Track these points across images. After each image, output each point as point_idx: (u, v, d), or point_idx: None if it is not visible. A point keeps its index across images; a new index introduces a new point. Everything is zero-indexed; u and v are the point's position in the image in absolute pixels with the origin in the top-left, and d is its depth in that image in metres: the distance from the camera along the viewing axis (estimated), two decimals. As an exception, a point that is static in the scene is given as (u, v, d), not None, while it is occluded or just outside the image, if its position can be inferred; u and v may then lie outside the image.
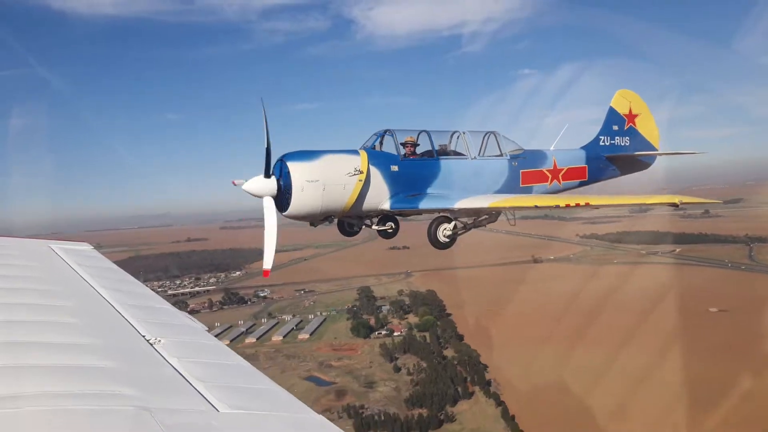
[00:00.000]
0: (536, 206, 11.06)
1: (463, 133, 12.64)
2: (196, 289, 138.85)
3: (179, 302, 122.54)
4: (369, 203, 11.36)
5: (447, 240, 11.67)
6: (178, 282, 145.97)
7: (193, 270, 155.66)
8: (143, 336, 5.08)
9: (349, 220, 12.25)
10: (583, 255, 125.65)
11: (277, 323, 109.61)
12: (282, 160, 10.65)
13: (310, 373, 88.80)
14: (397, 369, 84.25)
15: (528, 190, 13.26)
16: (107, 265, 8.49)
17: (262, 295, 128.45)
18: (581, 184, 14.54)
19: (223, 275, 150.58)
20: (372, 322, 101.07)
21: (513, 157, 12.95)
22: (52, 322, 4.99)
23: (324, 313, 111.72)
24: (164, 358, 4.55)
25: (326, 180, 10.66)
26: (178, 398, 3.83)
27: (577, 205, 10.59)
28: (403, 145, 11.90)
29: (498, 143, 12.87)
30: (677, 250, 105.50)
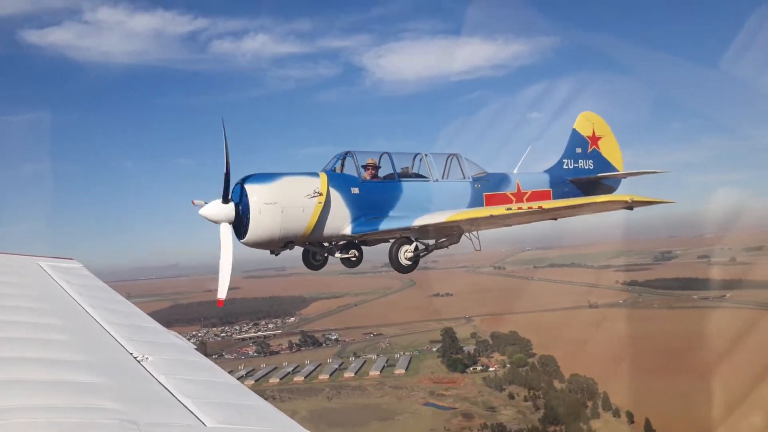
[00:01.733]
0: (491, 216, 11.03)
1: (426, 155, 12.67)
2: (260, 333, 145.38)
3: (260, 344, 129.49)
4: (330, 227, 11.25)
5: (409, 263, 11.60)
6: (236, 328, 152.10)
7: (244, 316, 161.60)
8: (131, 353, 5.13)
9: (311, 247, 12.08)
10: (634, 301, 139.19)
11: (365, 362, 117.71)
12: (240, 184, 10.74)
13: (426, 400, 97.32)
14: (511, 396, 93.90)
15: None
16: (96, 283, 8.49)
17: (333, 338, 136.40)
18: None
19: (279, 320, 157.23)
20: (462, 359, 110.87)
21: (476, 180, 12.89)
22: (40, 338, 5.06)
23: (407, 353, 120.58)
24: (152, 375, 4.61)
25: (285, 202, 10.60)
26: (166, 413, 3.89)
27: (530, 209, 10.78)
28: (365, 167, 11.98)
29: (461, 166, 12.91)
30: (728, 295, 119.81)
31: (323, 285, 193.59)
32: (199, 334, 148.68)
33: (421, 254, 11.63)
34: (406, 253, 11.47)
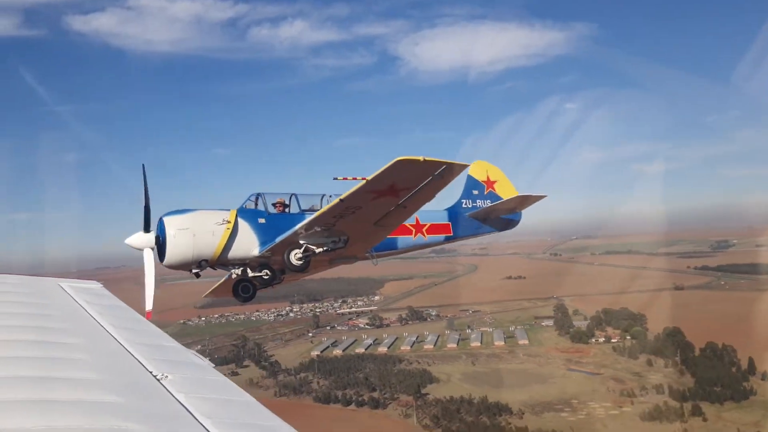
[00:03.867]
0: (341, 200, 12.53)
1: (330, 196, 14.29)
2: (360, 309, 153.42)
3: (373, 318, 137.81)
4: (239, 250, 13.29)
5: (300, 262, 13.39)
6: (326, 304, 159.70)
7: (328, 294, 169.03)
8: (150, 372, 5.26)
9: (230, 266, 13.89)
10: (716, 284, 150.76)
11: (482, 334, 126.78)
12: (160, 218, 13.17)
13: (566, 366, 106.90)
14: (650, 363, 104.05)
15: (394, 241, 15.42)
16: (115, 303, 8.90)
17: (433, 313, 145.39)
18: (447, 239, 16.77)
19: (365, 298, 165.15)
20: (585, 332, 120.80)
21: None
22: (62, 358, 5.20)
23: (518, 327, 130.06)
24: (171, 394, 4.71)
25: (196, 228, 12.88)
26: None
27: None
28: (274, 204, 14.19)
29: None
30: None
31: (376, 268, 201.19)
32: (293, 309, 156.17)
33: (312, 255, 13.66)
34: (296, 255, 13.50)
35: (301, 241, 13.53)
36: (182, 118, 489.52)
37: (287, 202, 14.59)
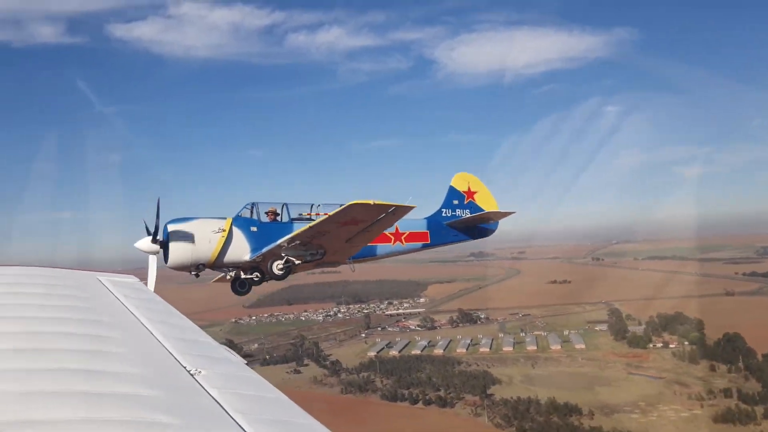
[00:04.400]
0: (310, 227, 14.39)
1: (319, 205, 16.00)
2: (408, 311, 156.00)
3: (425, 319, 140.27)
4: (233, 255, 14.74)
5: (281, 272, 15.18)
6: (372, 306, 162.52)
7: (373, 296, 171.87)
8: (184, 367, 5.34)
9: (226, 270, 15.27)
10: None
11: (536, 337, 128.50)
12: (166, 224, 14.58)
13: (626, 370, 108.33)
14: (713, 368, 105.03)
15: (373, 248, 16.75)
16: (152, 298, 9.14)
17: (482, 316, 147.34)
18: (424, 246, 17.75)
19: (411, 300, 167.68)
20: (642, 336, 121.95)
21: None
22: (100, 351, 5.33)
23: (573, 331, 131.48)
24: (205, 389, 4.76)
25: (194, 237, 14.36)
26: (218, 429, 4.03)
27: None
28: (267, 213, 15.64)
29: None
30: None
31: (418, 271, 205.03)
32: (340, 310, 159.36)
33: (292, 266, 15.19)
34: (277, 265, 15.21)
35: (283, 254, 15.22)
36: (218, 121, 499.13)
37: (278, 211, 16.14)
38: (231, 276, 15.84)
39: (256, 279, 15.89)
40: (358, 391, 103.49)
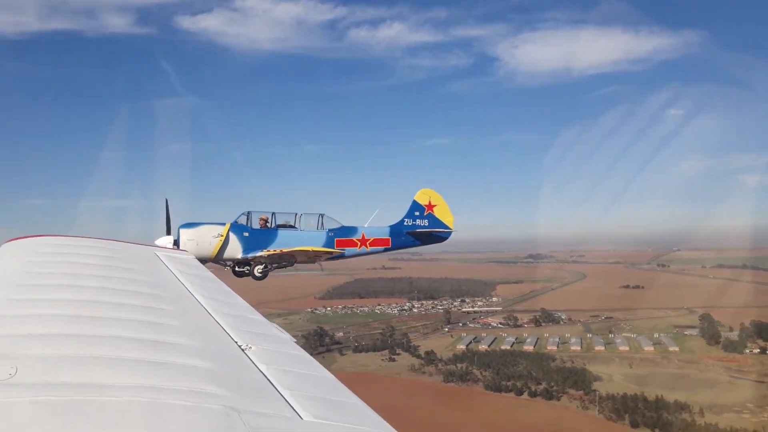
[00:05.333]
0: (274, 252, 18.25)
1: (301, 215, 19.30)
2: (485, 309, 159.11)
3: (508, 317, 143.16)
4: (228, 253, 18.34)
5: (260, 275, 18.77)
6: (444, 302, 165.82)
7: (443, 293, 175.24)
8: (235, 342, 5.60)
9: (224, 263, 18.48)
10: None
11: (625, 339, 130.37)
12: (179, 228, 17.89)
13: (723, 375, 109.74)
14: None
15: (341, 252, 19.53)
16: (205, 274, 9.50)
17: (563, 317, 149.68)
18: (386, 249, 20.57)
19: (483, 299, 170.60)
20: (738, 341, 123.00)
21: (330, 230, 19.28)
22: (155, 322, 5.64)
23: (663, 334, 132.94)
24: (254, 364, 4.98)
25: (198, 239, 17.81)
26: (265, 403, 4.18)
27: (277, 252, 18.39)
28: (259, 220, 18.98)
29: (322, 221, 19.36)
30: None
31: (477, 270, 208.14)
32: (414, 305, 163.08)
33: (270, 270, 18.76)
34: (258, 269, 18.76)
35: (263, 261, 18.87)
36: (277, 114, 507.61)
37: (268, 219, 19.25)
38: (229, 266, 19.22)
39: (246, 272, 19.25)
40: (460, 381, 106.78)
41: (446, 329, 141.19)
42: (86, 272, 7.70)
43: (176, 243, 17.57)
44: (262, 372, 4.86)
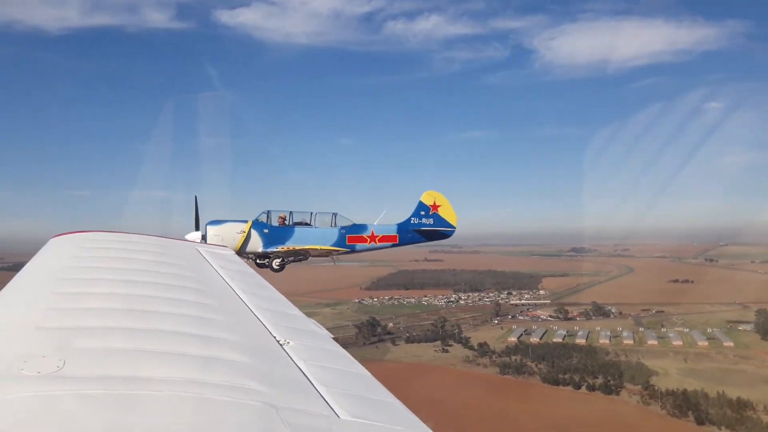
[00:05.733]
0: (290, 249, 19.81)
1: (315, 214, 20.75)
2: (534, 302, 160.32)
3: (560, 310, 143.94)
4: (250, 247, 19.88)
5: (278, 268, 20.06)
6: (491, 295, 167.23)
7: (487, 286, 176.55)
8: (274, 337, 5.75)
9: (247, 256, 19.75)
10: None
11: (678, 333, 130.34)
12: (206, 225, 19.32)
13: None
14: None
15: (353, 246, 20.86)
16: (245, 269, 9.76)
17: (613, 311, 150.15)
18: (393, 245, 21.86)
19: (530, 291, 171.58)
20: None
21: (342, 228, 20.66)
22: (199, 316, 5.82)
23: (716, 329, 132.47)
24: (292, 360, 5.10)
25: (223, 234, 19.27)
26: (303, 399, 4.27)
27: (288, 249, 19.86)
28: (278, 219, 20.54)
29: (334, 219, 20.76)
30: None
31: (529, 264, 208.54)
32: (460, 297, 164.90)
33: (286, 263, 20.24)
34: (276, 262, 20.12)
35: (281, 256, 20.38)
36: (313, 108, 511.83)
37: (286, 217, 20.76)
38: (251, 258, 20.66)
39: (266, 264, 20.79)
40: (516, 373, 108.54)
41: (496, 321, 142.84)
42: (131, 267, 7.96)
43: (204, 238, 19.09)
44: (299, 368, 4.98)
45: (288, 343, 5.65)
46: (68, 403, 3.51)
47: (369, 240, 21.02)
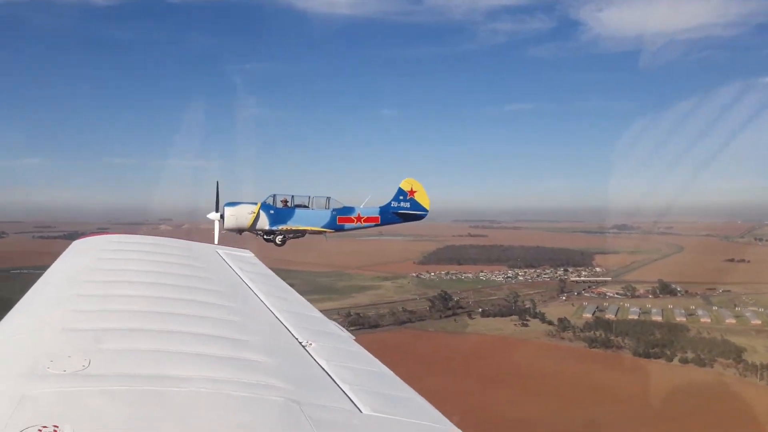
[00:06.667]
0: (293, 229, 23.30)
1: (312, 198, 23.98)
2: (595, 279, 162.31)
3: (627, 288, 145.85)
4: (259, 225, 23.07)
5: (280, 243, 23.39)
6: (548, 271, 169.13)
7: (543, 262, 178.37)
8: (296, 338, 5.94)
9: (256, 233, 23.19)
10: None
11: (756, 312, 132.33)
12: (224, 206, 22.56)
13: None
14: None
15: (342, 226, 24.05)
16: (265, 272, 10.00)
17: (679, 289, 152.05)
18: (376, 225, 25.08)
19: (586, 269, 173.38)
20: None
21: (334, 210, 23.86)
22: (220, 318, 6.04)
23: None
24: (314, 360, 5.28)
25: (237, 215, 22.66)
26: (325, 396, 4.44)
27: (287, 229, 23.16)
28: (281, 201, 23.79)
29: (328, 203, 24.05)
30: None
31: (578, 241, 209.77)
32: (516, 273, 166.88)
33: (286, 239, 23.48)
34: (279, 238, 23.39)
35: (282, 233, 23.57)
36: (354, 79, 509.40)
37: (288, 200, 24.00)
38: (260, 234, 23.74)
39: (271, 238, 23.90)
40: (604, 347, 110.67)
41: (563, 297, 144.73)
42: (153, 269, 8.17)
43: (222, 217, 22.63)
44: (322, 367, 5.17)
45: (310, 344, 5.85)
46: (93, 399, 3.64)
47: (356, 221, 24.44)
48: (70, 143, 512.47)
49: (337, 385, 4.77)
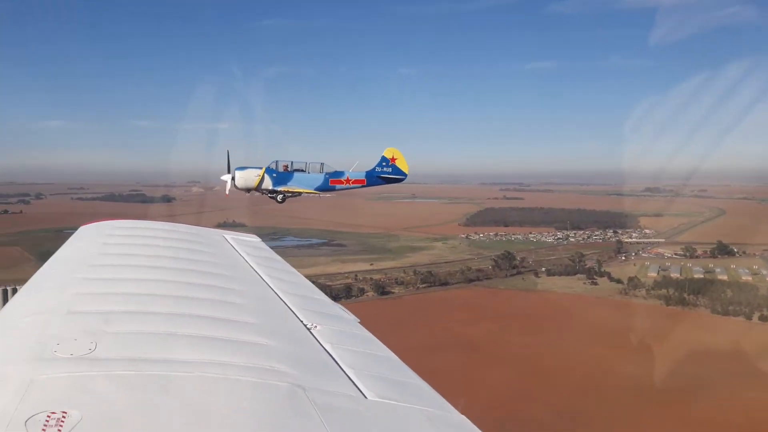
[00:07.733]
0: (291, 191, 26.15)
1: (309, 163, 26.87)
2: (649, 240, 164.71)
3: (687, 249, 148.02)
4: (264, 186, 25.88)
5: (281, 201, 26.62)
6: (596, 234, 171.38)
7: (587, 225, 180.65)
8: (301, 321, 6.05)
9: (261, 192, 26.22)
10: None
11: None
12: (235, 169, 25.45)
13: None
14: None
15: (333, 187, 27.00)
16: (272, 256, 10.20)
17: (736, 250, 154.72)
18: (362, 186, 27.95)
19: (635, 231, 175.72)
20: None
21: (327, 173, 26.77)
22: (227, 301, 6.17)
23: None
24: (319, 343, 5.40)
25: (246, 177, 25.52)
26: (330, 381, 4.53)
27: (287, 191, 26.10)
28: (283, 166, 26.65)
29: (322, 167, 26.97)
30: None
31: (606, 203, 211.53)
32: (565, 235, 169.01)
33: (286, 198, 26.50)
34: (280, 197, 26.27)
35: (281, 193, 26.56)
36: (371, 37, 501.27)
37: (288, 165, 26.89)
38: (265, 192, 26.72)
39: (274, 196, 27.03)
40: (681, 305, 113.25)
41: (622, 258, 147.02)
42: (159, 254, 8.30)
43: (233, 179, 25.81)
44: (327, 351, 5.27)
45: (315, 327, 5.99)
46: (100, 383, 3.75)
47: (345, 182, 27.70)
48: (93, 105, 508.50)
49: (342, 370, 4.90)
